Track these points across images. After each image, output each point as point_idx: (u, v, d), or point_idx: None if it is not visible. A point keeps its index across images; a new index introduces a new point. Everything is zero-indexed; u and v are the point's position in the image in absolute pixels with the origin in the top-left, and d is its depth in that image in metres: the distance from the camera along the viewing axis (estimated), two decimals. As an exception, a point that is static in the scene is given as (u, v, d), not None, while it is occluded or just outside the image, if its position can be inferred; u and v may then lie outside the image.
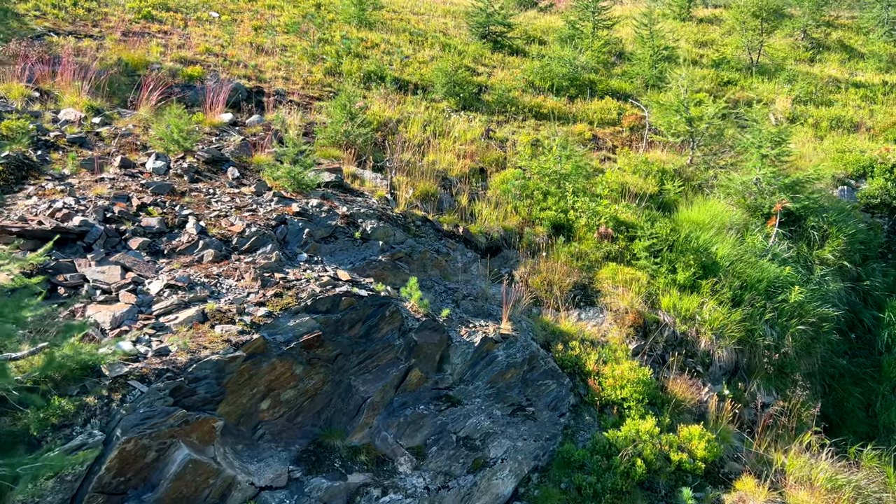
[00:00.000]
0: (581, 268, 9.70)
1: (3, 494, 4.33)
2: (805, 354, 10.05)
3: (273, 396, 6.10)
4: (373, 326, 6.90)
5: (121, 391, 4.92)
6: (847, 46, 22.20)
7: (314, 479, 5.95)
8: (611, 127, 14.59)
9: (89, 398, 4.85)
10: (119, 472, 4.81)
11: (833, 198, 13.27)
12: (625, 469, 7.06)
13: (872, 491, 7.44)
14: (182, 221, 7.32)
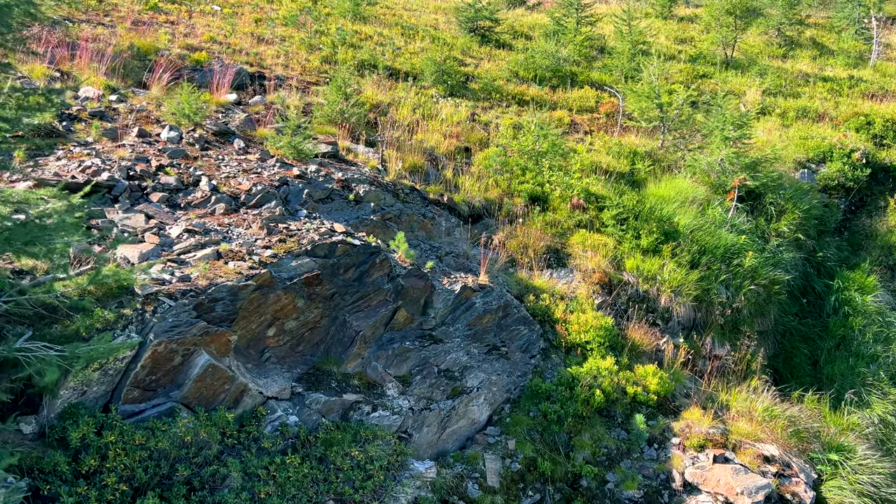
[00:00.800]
0: (554, 234, 10.69)
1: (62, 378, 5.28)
2: (758, 315, 11.07)
3: (278, 325, 7.05)
4: (364, 272, 7.86)
5: (152, 304, 5.87)
6: (819, 44, 23.32)
7: (314, 394, 6.91)
8: (588, 114, 15.61)
9: (126, 310, 5.79)
10: (151, 371, 5.76)
11: (793, 179, 14.30)
12: (585, 398, 8.05)
13: (804, 420, 8.44)
14: (196, 180, 8.28)
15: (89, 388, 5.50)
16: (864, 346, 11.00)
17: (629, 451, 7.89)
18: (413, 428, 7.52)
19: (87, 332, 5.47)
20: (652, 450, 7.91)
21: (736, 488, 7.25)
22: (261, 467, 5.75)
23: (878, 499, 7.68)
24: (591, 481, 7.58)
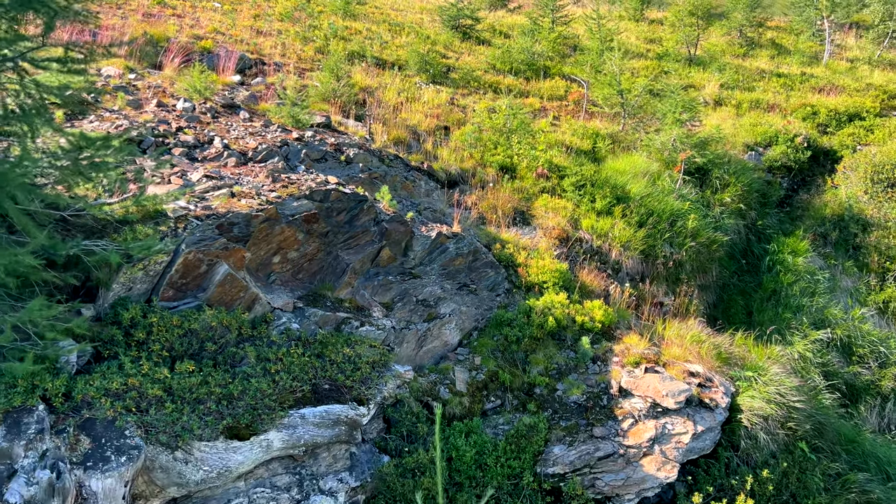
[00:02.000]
0: (520, 198, 12.19)
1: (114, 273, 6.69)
2: (700, 271, 12.61)
3: (282, 254, 8.49)
4: (354, 216, 9.32)
5: (183, 223, 7.31)
6: (778, 45, 25.09)
7: (312, 309, 8.35)
8: (558, 101, 17.18)
9: (162, 227, 7.22)
10: (182, 275, 7.19)
11: (741, 160, 15.90)
12: (540, 323, 9.53)
13: (726, 347, 9.95)
14: (210, 139, 9.72)
15: (134, 285, 6.92)
16: (793, 299, 12.55)
17: (576, 367, 9.37)
18: (395, 343, 8.97)
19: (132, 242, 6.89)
20: (595, 366, 9.40)
21: (662, 391, 8.74)
22: (271, 353, 7.18)
23: (783, 405, 9.19)
24: (544, 389, 9.05)
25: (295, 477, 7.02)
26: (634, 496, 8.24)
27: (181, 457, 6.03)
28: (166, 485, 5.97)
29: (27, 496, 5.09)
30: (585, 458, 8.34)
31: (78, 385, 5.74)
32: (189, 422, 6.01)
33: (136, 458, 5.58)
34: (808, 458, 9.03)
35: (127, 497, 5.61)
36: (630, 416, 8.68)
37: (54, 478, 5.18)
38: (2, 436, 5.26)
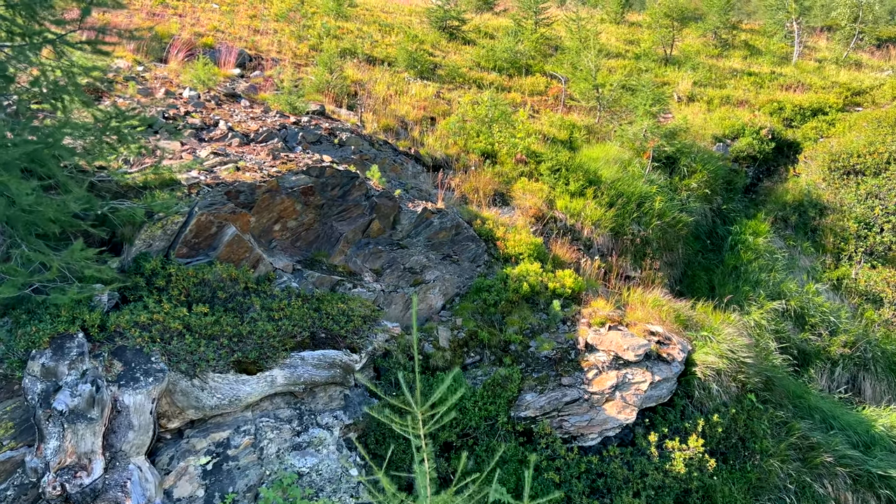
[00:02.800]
0: (500, 181, 13.20)
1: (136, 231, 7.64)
2: (667, 249, 13.64)
3: (282, 223, 9.45)
4: (347, 191, 10.29)
5: (195, 189, 8.27)
6: (751, 46, 26.28)
7: (310, 271, 9.32)
8: (539, 96, 18.23)
9: (177, 193, 8.17)
10: (195, 235, 8.14)
11: (709, 150, 16.98)
12: (515, 288, 10.52)
13: (686, 312, 10.97)
14: (215, 122, 10.68)
15: (154, 242, 7.87)
16: (752, 274, 13.60)
17: (548, 327, 10.36)
18: (384, 304, 9.94)
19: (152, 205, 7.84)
20: (565, 326, 10.40)
21: (623, 346, 9.74)
22: (274, 304, 8.13)
23: (734, 360, 10.20)
24: (518, 346, 10.03)
25: (295, 411, 7.97)
26: (597, 435, 9.23)
27: (198, 384, 6.98)
28: (185, 407, 6.92)
29: (71, 406, 6.03)
30: (554, 402, 9.32)
31: (111, 318, 6.69)
32: (205, 353, 6.96)
33: (161, 379, 6.53)
34: (756, 408, 10.05)
35: (153, 412, 6.55)
36: (595, 368, 9.67)
37: (94, 391, 6.12)
38: (49, 357, 6.20)
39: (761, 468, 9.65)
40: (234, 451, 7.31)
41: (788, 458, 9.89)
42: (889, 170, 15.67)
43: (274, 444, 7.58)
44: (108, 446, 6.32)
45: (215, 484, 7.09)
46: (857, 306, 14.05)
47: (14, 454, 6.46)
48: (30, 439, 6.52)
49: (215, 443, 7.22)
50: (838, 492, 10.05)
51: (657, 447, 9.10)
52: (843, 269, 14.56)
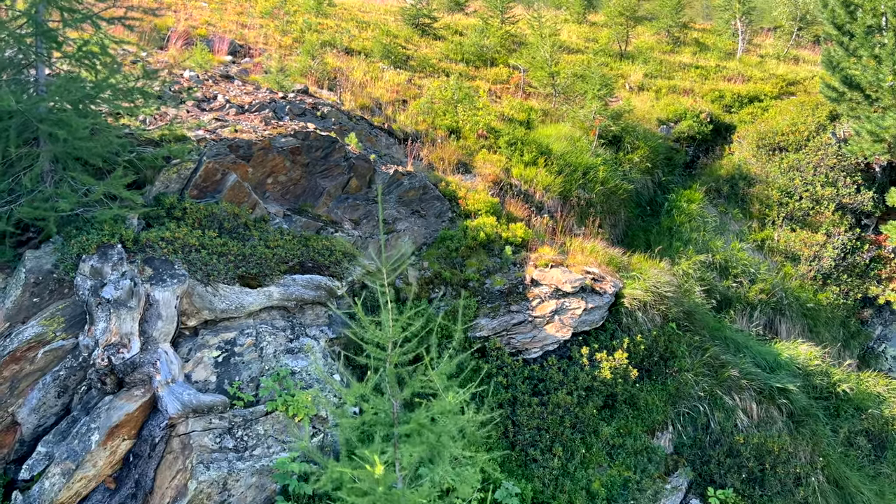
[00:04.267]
0: (464, 153, 15.05)
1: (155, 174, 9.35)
2: (610, 213, 15.57)
3: (274, 177, 11.20)
4: (328, 153, 12.07)
5: (203, 142, 10.00)
6: (701, 43, 28.48)
7: (298, 217, 11.07)
8: (501, 84, 20.14)
9: (188, 145, 9.90)
10: (204, 180, 9.87)
11: (653, 131, 18.98)
12: (474, 236, 12.35)
13: (618, 257, 12.87)
14: (214, 96, 12.41)
15: (170, 184, 9.60)
16: (684, 234, 15.57)
17: (501, 268, 12.20)
18: (361, 248, 11.71)
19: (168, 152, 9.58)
20: (515, 267, 12.24)
21: (563, 280, 11.61)
22: (269, 237, 9.88)
23: (658, 294, 12.10)
24: (475, 283, 11.85)
25: (288, 323, 9.72)
26: (539, 350, 11.07)
27: (210, 290, 8.71)
28: (201, 308, 8.65)
29: (115, 296, 7.74)
30: (504, 324, 11.16)
31: (141, 235, 8.41)
32: (216, 265, 8.70)
33: (183, 281, 8.26)
34: (675, 333, 11.95)
35: (177, 308, 8.27)
36: (538, 298, 11.53)
37: (132, 286, 7.84)
38: (96, 260, 7.91)
39: (679, 381, 11.55)
40: (239, 349, 9.04)
41: (702, 373, 11.80)
42: (808, 146, 17.76)
43: (271, 346, 9.33)
44: (142, 332, 8.04)
45: (224, 373, 8.82)
46: (777, 263, 16.06)
47: (65, 343, 8.17)
48: (76, 332, 8.22)
49: (224, 341, 8.95)
50: (745, 402, 11.98)
51: (588, 359, 10.96)
52: (767, 232, 16.58)
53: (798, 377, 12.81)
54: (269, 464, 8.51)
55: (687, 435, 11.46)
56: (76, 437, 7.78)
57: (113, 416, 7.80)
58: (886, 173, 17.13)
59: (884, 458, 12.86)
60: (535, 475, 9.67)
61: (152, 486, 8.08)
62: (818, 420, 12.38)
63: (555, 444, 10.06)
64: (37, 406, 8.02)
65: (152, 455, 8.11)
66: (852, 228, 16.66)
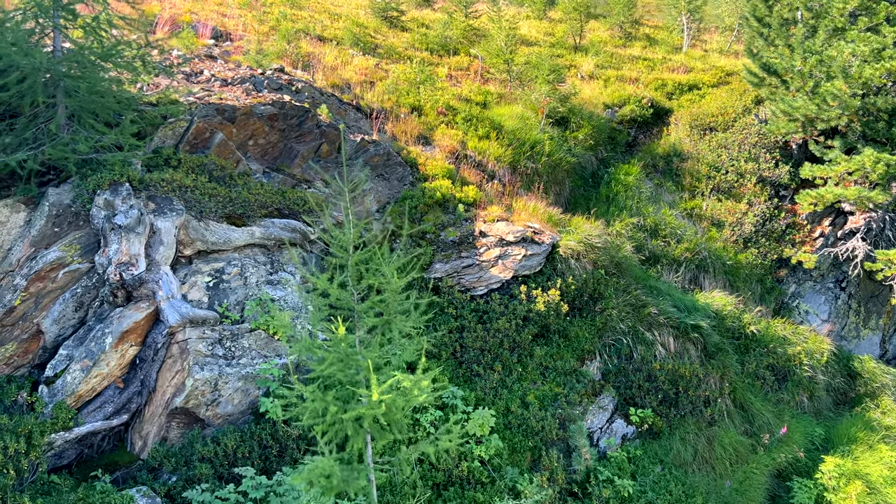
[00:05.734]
0: (425, 128, 16.83)
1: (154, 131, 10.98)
2: (555, 183, 17.46)
3: (254, 139, 12.88)
4: (302, 121, 13.76)
5: (193, 106, 11.66)
6: (651, 38, 30.62)
7: (276, 174, 12.76)
8: (462, 71, 21.97)
9: (180, 107, 11.54)
10: (195, 137, 11.52)
11: (599, 114, 20.93)
12: (430, 195, 14.13)
13: (557, 216, 14.74)
14: (200, 71, 14.04)
15: (166, 140, 11.24)
16: (620, 201, 17.52)
17: (454, 223, 14.00)
18: (331, 204, 13.42)
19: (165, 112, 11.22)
20: (467, 222, 14.05)
21: (506, 231, 13.44)
22: (252, 186, 11.56)
23: (589, 244, 13.99)
24: (432, 235, 13.64)
25: (269, 258, 11.42)
26: (484, 288, 12.89)
27: (203, 225, 10.39)
28: (195, 239, 10.31)
29: (125, 223, 9.39)
30: (455, 267, 12.96)
31: (145, 176, 10.06)
32: (208, 203, 10.38)
33: (181, 214, 9.93)
34: (604, 277, 13.85)
35: (176, 237, 9.93)
36: (485, 246, 13.35)
37: (139, 215, 9.49)
38: (108, 194, 9.55)
39: (605, 318, 13.44)
40: (227, 277, 10.72)
41: (626, 312, 13.72)
42: (734, 126, 19.86)
43: (254, 277, 11.02)
44: (147, 255, 9.69)
45: (215, 296, 10.50)
46: (704, 228, 18.09)
47: (81, 266, 9.79)
48: (91, 257, 9.84)
49: (215, 269, 10.63)
50: (663, 337, 13.92)
51: (526, 295, 12.81)
52: (696, 202, 18.60)
53: (712, 319, 14.79)
54: (253, 371, 10.22)
55: (612, 364, 13.36)
56: (93, 340, 9.41)
57: (123, 322, 9.45)
58: (802, 150, 19.27)
59: (784, 388, 14.91)
60: (478, 386, 11.49)
61: (155, 384, 9.75)
62: (728, 354, 14.37)
63: (495, 363, 11.89)
64: (58, 318, 9.63)
65: (155, 359, 9.77)
66: (771, 199, 18.76)
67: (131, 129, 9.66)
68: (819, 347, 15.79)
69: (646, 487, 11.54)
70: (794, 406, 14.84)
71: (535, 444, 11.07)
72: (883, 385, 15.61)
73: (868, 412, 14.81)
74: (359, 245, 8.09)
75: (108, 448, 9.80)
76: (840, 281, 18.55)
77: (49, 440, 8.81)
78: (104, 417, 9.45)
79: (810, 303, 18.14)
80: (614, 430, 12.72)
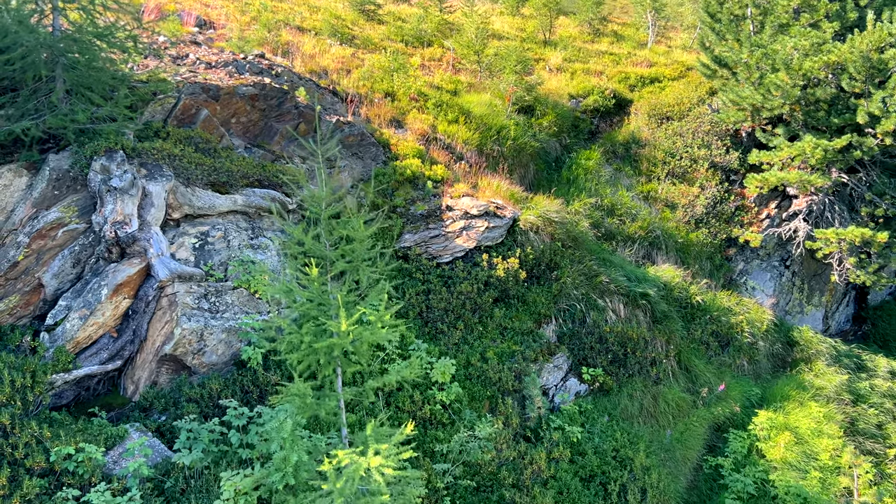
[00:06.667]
0: (398, 112, 17.92)
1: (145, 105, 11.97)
2: (520, 166, 18.65)
3: (237, 117, 13.89)
4: (281, 101, 14.79)
5: (181, 84, 12.65)
6: (619, 35, 31.97)
7: (256, 149, 13.79)
8: (436, 61, 23.09)
9: (168, 86, 12.53)
10: (182, 113, 12.52)
11: (564, 104, 22.16)
12: (401, 173, 15.23)
13: (518, 193, 15.92)
14: (186, 55, 15.02)
15: (155, 114, 12.22)
16: (580, 184, 18.75)
17: (423, 198, 15.11)
18: (309, 179, 14.47)
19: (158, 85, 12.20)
20: (435, 198, 15.17)
21: (471, 206, 14.58)
22: (235, 158, 12.58)
23: (546, 219, 15.18)
24: (402, 208, 14.75)
25: (250, 225, 12.45)
26: (450, 256, 14.03)
27: (190, 192, 11.40)
28: (183, 203, 11.33)
29: (120, 185, 10.39)
30: (423, 237, 14.08)
31: (137, 145, 11.05)
32: (194, 171, 11.40)
33: (170, 179, 10.94)
34: (560, 249, 15.05)
35: (165, 200, 10.94)
36: (451, 219, 14.49)
37: (132, 179, 10.49)
38: (104, 159, 10.53)
39: (560, 285, 14.64)
40: (211, 239, 11.75)
41: (580, 280, 14.93)
42: (689, 115, 21.20)
43: (236, 241, 12.05)
44: (139, 216, 10.69)
45: (201, 256, 11.52)
46: (659, 209, 19.39)
47: (78, 226, 10.76)
48: (87, 218, 10.82)
49: (200, 232, 11.65)
50: (614, 304, 15.16)
51: (487, 262, 13.97)
52: (652, 185, 19.90)
53: (660, 289, 16.07)
54: (235, 325, 11.26)
55: (567, 327, 14.56)
56: (90, 292, 10.40)
57: (118, 276, 10.44)
58: (750, 138, 20.65)
59: (727, 353, 16.24)
60: (442, 342, 12.63)
61: (146, 334, 10.75)
62: (674, 321, 15.65)
63: (458, 322, 13.04)
64: (57, 272, 10.60)
65: (146, 311, 10.78)
66: (722, 183, 20.12)
67: (125, 101, 10.65)
68: (760, 317, 17.15)
69: (593, 434, 12.76)
70: (735, 369, 16.17)
71: (493, 393, 12.23)
72: (818, 352, 17.00)
73: (802, 374, 16.19)
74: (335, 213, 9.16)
75: (102, 392, 10.79)
76: (784, 260, 19.96)
77: (50, 380, 9.78)
78: (100, 362, 10.44)
79: (757, 279, 19.52)
80: (568, 387, 13.91)
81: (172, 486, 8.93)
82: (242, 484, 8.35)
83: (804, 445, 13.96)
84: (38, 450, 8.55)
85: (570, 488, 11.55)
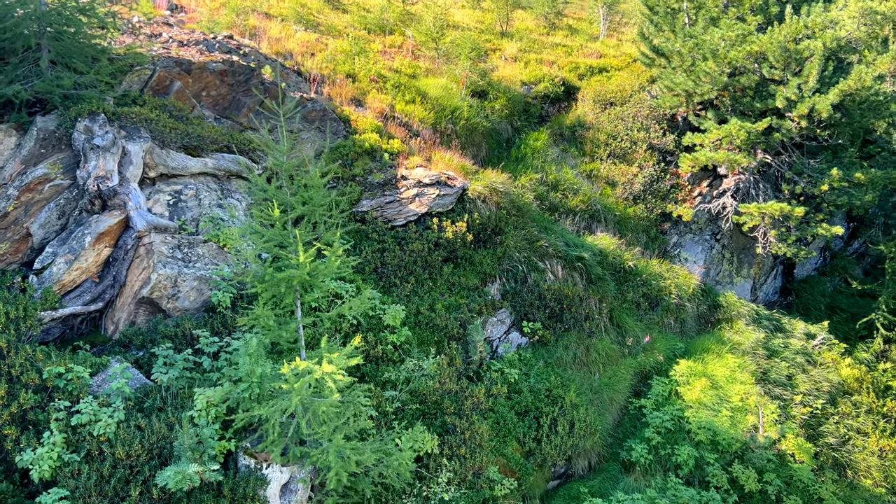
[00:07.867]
0: (358, 92, 19.26)
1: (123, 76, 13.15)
2: (473, 145, 20.14)
3: (207, 91, 15.11)
4: (248, 77, 16.03)
5: (156, 59, 13.84)
6: (573, 28, 33.67)
7: (226, 120, 15.03)
8: (396, 48, 24.46)
9: (144, 59, 13.71)
10: (157, 84, 13.71)
11: (517, 90, 23.71)
12: (360, 145, 16.59)
13: (465, 165, 17.40)
14: (159, 34, 16.17)
15: (132, 85, 13.41)
16: (528, 161, 20.32)
17: (381, 169, 16.50)
18: (273, 148, 15.73)
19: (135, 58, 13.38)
20: (391, 169, 16.56)
21: (423, 175, 16.02)
22: (205, 126, 13.82)
23: (493, 189, 16.69)
24: (360, 177, 16.11)
25: (219, 186, 13.71)
26: (403, 220, 15.45)
27: (165, 153, 12.63)
28: (159, 163, 12.56)
29: (102, 144, 11.59)
30: (379, 203, 15.48)
31: (117, 110, 12.25)
32: (169, 135, 12.63)
33: (147, 140, 12.17)
34: (505, 216, 16.57)
35: (143, 159, 12.16)
36: (405, 187, 15.90)
37: (113, 139, 11.70)
38: (88, 121, 11.73)
39: (504, 248, 16.16)
40: (184, 198, 13.00)
41: (522, 244, 16.47)
42: (630, 101, 22.93)
43: (207, 200, 13.32)
44: (119, 173, 11.90)
45: (174, 212, 12.76)
46: (600, 186, 21.05)
47: (63, 182, 11.93)
48: (72, 175, 11.99)
49: (174, 191, 12.89)
50: (553, 266, 16.74)
51: (437, 226, 15.42)
52: (595, 165, 21.57)
53: (596, 255, 17.71)
54: (206, 274, 12.54)
55: (510, 286, 16.09)
56: (74, 240, 11.59)
57: (100, 225, 11.65)
58: (685, 122, 22.44)
59: (655, 312, 17.95)
60: (395, 293, 14.05)
61: (125, 279, 11.98)
62: (607, 282, 17.29)
63: (409, 277, 14.47)
64: (44, 223, 11.76)
65: (125, 258, 12.00)
66: (659, 163, 21.87)
67: (108, 68, 11.84)
68: (688, 282, 18.91)
69: (529, 377, 14.31)
70: (663, 327, 17.89)
71: (440, 338, 13.69)
72: (740, 314, 18.82)
73: (723, 331, 17.98)
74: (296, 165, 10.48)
75: (85, 331, 11.99)
76: (715, 234, 21.79)
77: (39, 316, 10.96)
78: (83, 304, 11.64)
79: (689, 251, 21.31)
80: (511, 339, 15.44)
81: (151, 404, 10.21)
82: (213, 396, 9.68)
83: (719, 390, 15.70)
84: (32, 369, 9.75)
85: (507, 420, 13.07)
